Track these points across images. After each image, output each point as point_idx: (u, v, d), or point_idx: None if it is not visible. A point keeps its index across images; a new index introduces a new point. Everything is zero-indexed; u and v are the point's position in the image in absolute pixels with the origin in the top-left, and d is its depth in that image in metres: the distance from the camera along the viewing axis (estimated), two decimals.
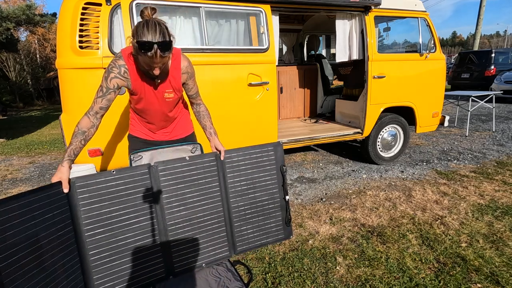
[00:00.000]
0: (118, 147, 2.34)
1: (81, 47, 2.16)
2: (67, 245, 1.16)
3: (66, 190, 1.17)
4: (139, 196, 1.32)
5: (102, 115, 1.39)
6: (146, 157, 1.63)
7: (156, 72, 1.29)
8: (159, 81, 1.46)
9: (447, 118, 3.89)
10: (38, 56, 19.80)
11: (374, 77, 3.29)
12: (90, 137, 1.35)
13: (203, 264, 1.44)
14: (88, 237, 1.23)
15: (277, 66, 2.89)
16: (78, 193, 1.21)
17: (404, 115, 3.69)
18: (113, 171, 1.29)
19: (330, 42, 5.74)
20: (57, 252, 1.11)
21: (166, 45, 1.22)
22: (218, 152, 1.55)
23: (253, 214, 1.57)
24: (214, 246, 1.48)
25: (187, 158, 1.45)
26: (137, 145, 1.68)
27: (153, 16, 1.26)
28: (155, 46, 1.18)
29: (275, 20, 2.87)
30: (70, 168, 1.23)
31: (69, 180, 1.21)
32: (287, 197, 1.63)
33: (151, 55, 1.20)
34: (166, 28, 1.25)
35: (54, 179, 1.17)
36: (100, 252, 1.25)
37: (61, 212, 1.15)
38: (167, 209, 1.38)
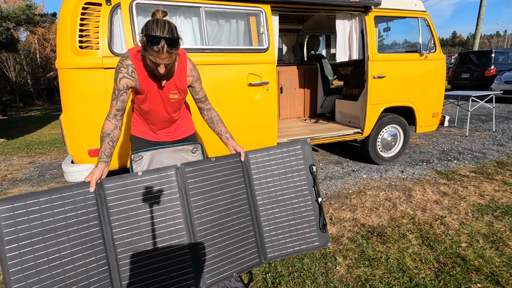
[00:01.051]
0: (119, 147, 2.34)
1: (81, 47, 2.16)
2: (91, 245, 1.14)
3: (91, 189, 1.20)
4: (167, 198, 1.30)
5: (122, 116, 1.44)
6: (147, 157, 1.62)
7: (161, 70, 1.31)
8: (164, 81, 1.47)
9: (447, 118, 3.89)
10: (38, 56, 19.81)
11: (374, 77, 3.29)
12: (116, 137, 1.41)
13: (234, 274, 1.34)
14: (118, 239, 1.20)
15: (277, 66, 2.89)
16: (106, 195, 1.21)
17: (404, 115, 3.69)
18: (140, 173, 1.29)
19: (330, 42, 5.74)
20: (78, 251, 1.11)
21: (173, 41, 1.25)
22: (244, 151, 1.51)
23: (283, 218, 1.47)
24: (244, 253, 1.39)
25: (213, 159, 1.42)
26: (140, 145, 1.68)
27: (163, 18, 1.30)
28: (163, 41, 1.22)
29: (275, 20, 2.87)
30: (104, 169, 1.29)
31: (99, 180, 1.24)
32: (319, 199, 1.50)
33: (157, 50, 1.23)
34: (175, 27, 1.28)
35: (87, 179, 1.21)
36: (130, 256, 1.21)
37: (87, 212, 1.16)
38: (195, 213, 1.32)
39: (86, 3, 2.16)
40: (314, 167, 1.51)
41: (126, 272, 1.19)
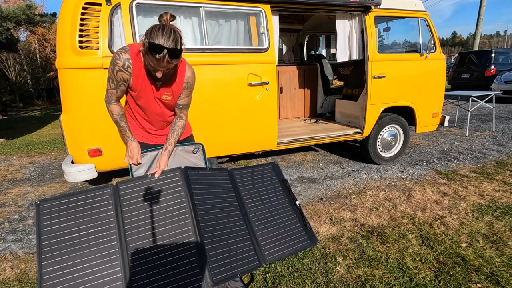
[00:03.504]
0: (118, 147, 2.34)
1: (81, 47, 2.16)
2: (106, 240, 1.27)
3: (140, 160, 1.48)
4: (173, 196, 1.40)
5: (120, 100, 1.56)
6: (147, 158, 1.62)
7: (159, 75, 1.33)
8: (160, 82, 1.47)
9: (447, 118, 3.89)
10: (38, 56, 19.79)
11: (374, 77, 3.29)
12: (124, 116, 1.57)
13: (239, 274, 1.39)
14: (129, 235, 1.30)
15: (277, 66, 2.89)
16: (121, 195, 1.35)
17: (404, 115, 3.69)
18: (149, 175, 1.41)
19: (330, 42, 5.74)
20: (96, 250, 1.25)
21: (175, 52, 1.25)
22: (229, 169, 1.65)
23: (272, 223, 1.61)
24: (244, 255, 1.46)
25: (208, 169, 1.60)
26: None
27: (171, 23, 1.29)
28: (165, 51, 1.21)
29: (275, 20, 2.87)
30: (138, 145, 1.55)
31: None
32: (297, 202, 1.70)
33: (158, 58, 1.23)
34: (180, 37, 1.28)
35: (131, 159, 1.50)
36: (140, 252, 1.29)
37: (105, 210, 1.32)
38: (200, 213, 1.40)
39: (86, 3, 2.16)
40: (285, 180, 1.79)
41: (135, 267, 1.27)
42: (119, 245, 1.27)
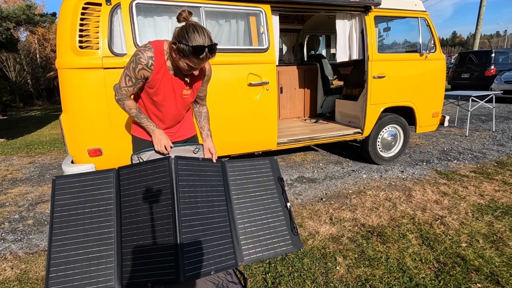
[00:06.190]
0: (118, 147, 2.34)
1: (81, 47, 2.16)
2: (105, 219, 1.39)
3: (171, 153, 1.47)
4: (161, 186, 1.44)
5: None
6: (147, 157, 1.62)
7: (196, 72, 1.41)
8: (187, 79, 1.52)
9: (447, 118, 3.89)
10: (38, 56, 19.78)
11: (374, 77, 3.29)
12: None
13: (212, 272, 1.39)
14: (124, 218, 1.39)
15: (277, 66, 2.89)
16: (121, 179, 1.46)
17: (404, 115, 3.69)
18: (142, 161, 1.50)
19: (330, 42, 5.74)
20: (96, 226, 1.38)
21: (214, 48, 1.30)
22: (222, 161, 1.66)
23: (258, 222, 1.59)
24: (221, 252, 1.46)
25: (200, 159, 1.57)
26: (143, 145, 1.66)
27: (190, 19, 1.32)
28: (206, 49, 1.26)
29: (275, 20, 2.87)
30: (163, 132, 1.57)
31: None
32: (288, 205, 1.66)
33: (202, 58, 1.27)
34: (209, 32, 1.33)
35: (160, 148, 1.51)
36: (130, 235, 1.36)
37: (108, 191, 1.45)
38: (183, 209, 1.42)
39: (86, 3, 2.16)
40: (281, 178, 1.73)
41: (126, 248, 1.36)
42: (115, 225, 1.38)
